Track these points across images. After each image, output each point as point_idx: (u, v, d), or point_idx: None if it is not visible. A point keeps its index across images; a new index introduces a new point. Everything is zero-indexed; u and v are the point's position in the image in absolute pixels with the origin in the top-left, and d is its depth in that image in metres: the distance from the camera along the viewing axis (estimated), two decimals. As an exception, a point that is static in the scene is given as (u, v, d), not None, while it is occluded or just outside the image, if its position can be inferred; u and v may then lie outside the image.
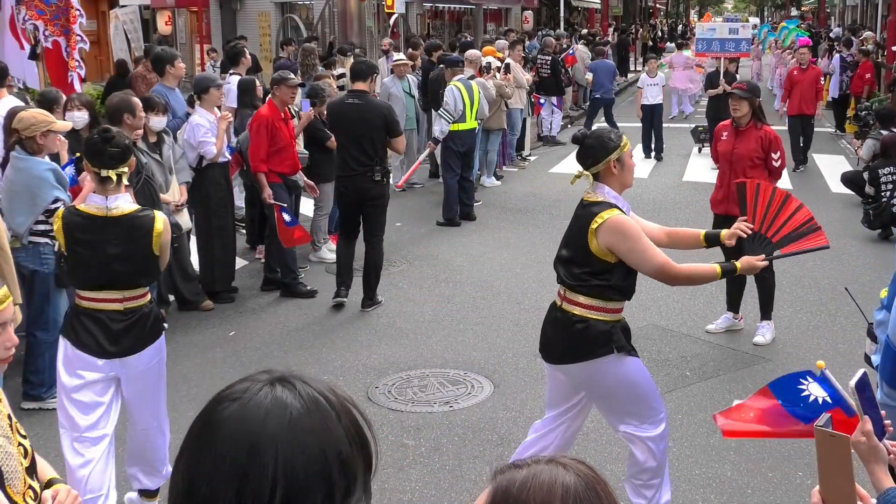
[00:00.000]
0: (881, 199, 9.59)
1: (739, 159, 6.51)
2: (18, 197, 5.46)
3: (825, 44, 22.75)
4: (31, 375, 5.62)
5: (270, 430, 1.13)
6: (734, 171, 6.47)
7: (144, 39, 18.81)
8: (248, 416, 1.15)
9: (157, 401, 4.26)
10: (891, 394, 2.70)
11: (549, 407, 4.21)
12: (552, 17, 32.88)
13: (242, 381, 1.22)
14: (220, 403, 1.18)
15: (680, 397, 5.71)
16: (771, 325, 6.68)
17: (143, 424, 4.25)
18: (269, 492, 1.12)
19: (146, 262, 4.04)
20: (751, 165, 6.44)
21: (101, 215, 3.96)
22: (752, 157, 6.46)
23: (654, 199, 11.65)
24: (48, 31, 8.17)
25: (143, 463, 4.33)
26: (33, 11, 8.12)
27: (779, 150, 6.52)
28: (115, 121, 6.10)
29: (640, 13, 49.42)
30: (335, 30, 18.64)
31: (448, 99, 10.33)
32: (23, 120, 5.44)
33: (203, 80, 7.84)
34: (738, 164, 6.50)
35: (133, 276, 4.03)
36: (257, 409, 1.15)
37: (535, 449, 4.06)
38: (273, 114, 7.70)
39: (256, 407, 1.15)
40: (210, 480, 1.13)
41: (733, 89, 6.81)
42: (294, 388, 1.18)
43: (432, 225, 10.49)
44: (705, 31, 15.48)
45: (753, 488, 4.62)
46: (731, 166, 6.55)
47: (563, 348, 3.97)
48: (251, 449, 1.13)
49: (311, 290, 7.92)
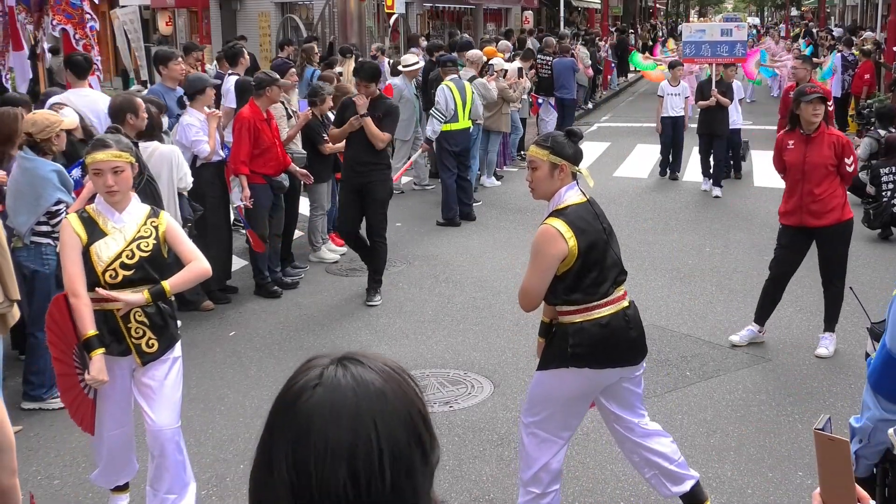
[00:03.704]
0: (882, 199, 9.59)
1: (813, 168, 6.13)
2: (22, 196, 5.48)
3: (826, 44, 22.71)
4: (31, 376, 5.62)
5: (364, 405, 1.20)
6: (807, 180, 6.15)
7: (145, 40, 18.80)
8: (338, 397, 1.20)
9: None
10: (890, 408, 2.70)
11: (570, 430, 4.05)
12: (552, 17, 32.89)
13: (306, 369, 1.26)
14: (301, 393, 1.22)
15: (680, 397, 5.71)
16: (833, 338, 6.40)
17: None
18: (378, 462, 1.18)
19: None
20: (825, 173, 6.12)
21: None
22: (826, 165, 6.11)
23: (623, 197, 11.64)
24: (78, 35, 8.24)
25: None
26: (61, 16, 8.17)
27: (852, 153, 6.20)
28: (117, 121, 6.11)
29: (640, 13, 49.43)
30: (335, 30, 18.64)
31: (439, 99, 10.34)
32: (37, 123, 5.47)
33: (197, 80, 7.82)
34: (812, 172, 6.14)
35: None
36: (344, 388, 1.21)
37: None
38: (255, 115, 7.67)
39: (342, 387, 1.21)
40: (320, 468, 1.17)
41: (810, 93, 6.14)
42: (361, 363, 1.25)
43: (432, 225, 10.49)
44: (693, 32, 13.25)
45: (753, 488, 4.62)
46: (805, 175, 6.17)
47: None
48: (353, 427, 1.18)
49: (277, 290, 7.96)
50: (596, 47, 22.04)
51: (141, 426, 4.21)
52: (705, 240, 9.72)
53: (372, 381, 1.22)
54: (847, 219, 6.27)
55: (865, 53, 16.87)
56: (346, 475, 1.17)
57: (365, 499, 1.18)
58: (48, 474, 4.87)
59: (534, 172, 3.87)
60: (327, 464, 1.17)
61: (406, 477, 1.20)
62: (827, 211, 6.20)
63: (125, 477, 4.38)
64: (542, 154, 3.82)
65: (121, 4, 20.19)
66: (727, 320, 7.11)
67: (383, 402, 1.21)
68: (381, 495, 1.18)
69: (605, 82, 24.81)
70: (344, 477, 1.17)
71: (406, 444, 1.21)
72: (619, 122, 19.64)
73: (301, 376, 1.25)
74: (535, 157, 3.86)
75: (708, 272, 8.44)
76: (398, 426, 1.21)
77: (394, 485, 1.19)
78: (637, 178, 13.31)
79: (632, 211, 11.18)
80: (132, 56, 15.70)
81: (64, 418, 5.49)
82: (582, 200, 3.88)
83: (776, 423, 5.35)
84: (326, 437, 1.18)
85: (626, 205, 11.51)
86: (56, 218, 5.51)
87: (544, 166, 3.83)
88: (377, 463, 1.18)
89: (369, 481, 1.18)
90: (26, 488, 4.72)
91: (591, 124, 19.39)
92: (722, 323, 7.06)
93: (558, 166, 3.82)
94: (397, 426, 1.21)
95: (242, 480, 4.72)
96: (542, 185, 3.88)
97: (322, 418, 1.19)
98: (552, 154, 3.81)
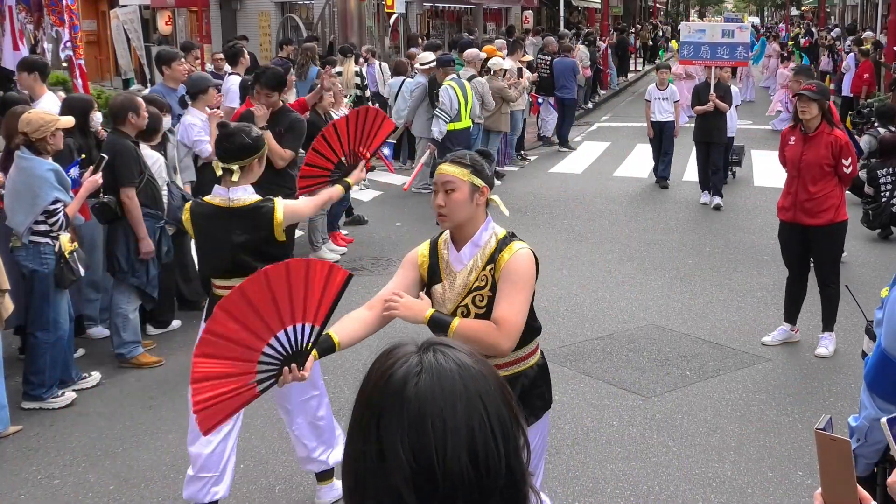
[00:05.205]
0: (881, 199, 9.59)
1: (809, 166, 6.15)
2: (20, 196, 5.47)
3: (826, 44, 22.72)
4: (31, 375, 5.61)
5: (471, 386, 1.22)
6: (803, 178, 6.18)
7: (145, 39, 18.82)
8: (447, 381, 1.22)
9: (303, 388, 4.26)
10: (886, 407, 2.70)
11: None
12: (552, 16, 32.89)
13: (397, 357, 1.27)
14: (406, 380, 1.23)
15: (680, 397, 5.71)
16: (833, 337, 6.40)
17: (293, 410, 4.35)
18: (493, 441, 1.21)
19: (270, 248, 4.11)
20: (820, 173, 6.13)
21: (225, 206, 4.11)
22: (821, 164, 6.11)
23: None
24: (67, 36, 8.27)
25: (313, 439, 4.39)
26: (55, 17, 8.20)
27: (850, 155, 6.15)
28: (119, 120, 6.11)
29: (640, 13, 49.44)
30: (335, 30, 18.64)
31: (444, 99, 10.34)
32: (31, 122, 5.45)
33: (199, 80, 7.82)
34: (807, 171, 6.16)
35: (251, 264, 4.06)
36: (450, 372, 1.23)
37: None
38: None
39: (447, 371, 1.23)
40: (441, 452, 1.18)
41: (802, 90, 6.18)
42: (451, 346, 1.28)
43: (432, 225, 10.47)
44: (692, 32, 12.35)
45: (753, 488, 4.62)
46: (800, 173, 6.20)
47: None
48: (467, 409, 1.21)
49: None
50: (596, 47, 22.03)
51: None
52: (705, 240, 9.72)
53: (471, 364, 1.25)
54: (840, 220, 6.27)
55: (865, 53, 16.89)
56: (467, 457, 1.19)
57: (485, 480, 1.20)
58: (48, 474, 4.86)
59: (449, 195, 3.17)
60: (448, 447, 1.18)
61: (515, 456, 1.23)
62: (820, 211, 6.20)
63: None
64: (462, 173, 3.18)
65: (121, 4, 20.18)
66: (727, 320, 7.11)
67: (486, 383, 1.24)
68: (499, 475, 1.21)
69: (606, 82, 24.80)
70: (465, 459, 1.18)
71: (509, 421, 1.24)
72: (619, 122, 19.63)
73: (395, 364, 1.26)
74: (451, 175, 3.18)
75: (708, 272, 8.44)
76: (501, 405, 1.24)
77: (507, 464, 1.22)
78: (637, 178, 13.30)
79: (632, 211, 11.17)
80: (133, 56, 15.69)
81: (64, 418, 5.51)
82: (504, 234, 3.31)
83: (776, 423, 5.35)
84: (444, 421, 1.19)
85: (626, 205, 11.51)
86: (54, 217, 5.51)
87: (464, 188, 3.17)
88: (492, 442, 1.21)
89: (487, 461, 1.20)
90: (26, 488, 4.73)
91: (591, 124, 19.39)
92: (722, 323, 7.06)
93: (479, 189, 3.21)
94: (501, 405, 1.24)
95: (242, 480, 4.73)
96: (460, 209, 3.18)
97: (436, 403, 1.20)
98: (472, 174, 3.20)
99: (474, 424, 1.20)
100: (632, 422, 5.36)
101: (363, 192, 12.19)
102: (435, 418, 1.19)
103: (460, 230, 3.24)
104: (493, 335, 3.07)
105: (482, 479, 1.19)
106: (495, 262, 3.18)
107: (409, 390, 1.21)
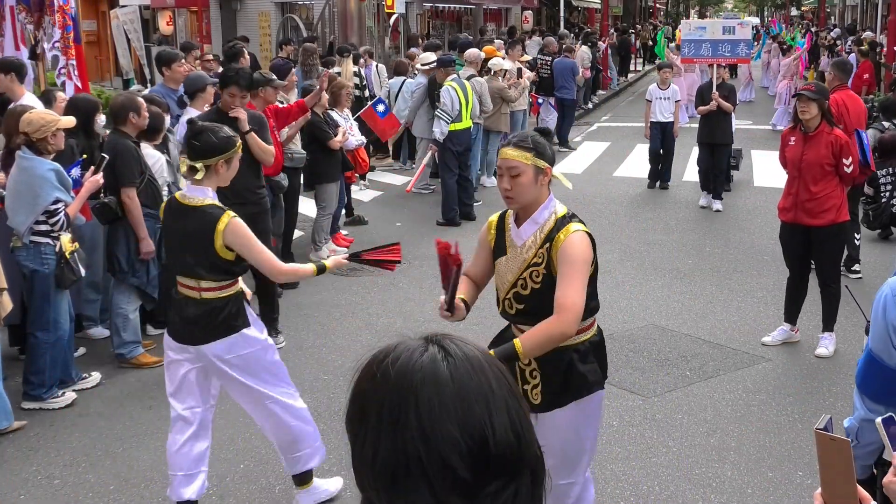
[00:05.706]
0: (880, 199, 9.59)
1: (809, 166, 6.13)
2: (21, 196, 5.48)
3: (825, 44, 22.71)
4: (31, 375, 5.62)
5: (491, 362, 1.27)
6: (804, 178, 6.17)
7: (145, 39, 18.82)
8: (473, 362, 1.26)
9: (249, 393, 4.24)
10: (875, 408, 2.71)
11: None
12: (552, 16, 32.89)
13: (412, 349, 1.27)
14: (436, 364, 1.24)
15: (680, 397, 5.71)
16: (833, 337, 6.40)
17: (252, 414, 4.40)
18: (517, 412, 1.24)
19: (209, 256, 4.03)
20: (821, 173, 6.11)
21: (184, 203, 4.07)
22: (822, 164, 6.09)
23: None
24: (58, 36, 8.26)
25: (282, 449, 4.40)
26: (54, 17, 8.19)
27: (850, 155, 6.13)
28: (119, 120, 6.11)
29: (640, 13, 49.44)
30: (335, 30, 18.63)
31: (445, 99, 10.34)
32: (32, 122, 5.45)
33: (197, 79, 7.80)
34: (807, 171, 6.14)
35: (194, 267, 4.06)
36: (469, 352, 1.27)
37: None
38: None
39: (466, 351, 1.27)
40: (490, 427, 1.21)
41: (801, 90, 6.21)
42: (453, 339, 1.30)
43: (432, 225, 10.49)
44: (693, 30, 12.35)
45: (753, 488, 4.62)
46: (801, 173, 6.19)
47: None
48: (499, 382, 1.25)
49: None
50: (596, 48, 22.04)
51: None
52: (705, 240, 9.72)
53: (476, 353, 1.29)
54: (842, 221, 6.27)
55: (864, 53, 16.89)
56: (508, 426, 1.23)
57: (525, 450, 1.24)
58: (48, 474, 4.87)
59: (515, 179, 3.27)
60: (495, 420, 1.22)
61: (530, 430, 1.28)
62: (822, 211, 6.20)
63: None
64: (526, 157, 3.26)
65: (121, 4, 20.19)
66: (727, 320, 7.12)
67: (496, 371, 1.27)
68: (532, 443, 1.25)
69: (606, 82, 24.80)
70: (510, 430, 1.22)
71: (519, 407, 1.28)
72: (619, 122, 19.64)
73: (413, 355, 1.26)
74: (516, 160, 3.27)
75: (708, 272, 8.44)
76: (509, 393, 1.27)
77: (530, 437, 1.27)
78: (637, 178, 13.30)
79: (632, 211, 11.18)
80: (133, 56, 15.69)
81: (64, 418, 5.51)
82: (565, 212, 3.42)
83: (776, 423, 5.35)
84: (485, 396, 1.23)
85: (626, 205, 11.51)
86: (54, 217, 5.51)
87: (529, 171, 3.26)
88: (516, 412, 1.25)
89: (523, 431, 1.24)
90: (26, 488, 4.73)
91: (591, 124, 19.40)
92: (722, 323, 7.07)
93: (543, 170, 3.30)
94: (509, 393, 1.27)
95: (242, 480, 4.74)
96: (526, 192, 3.29)
97: (472, 379, 1.23)
98: (536, 156, 3.28)
99: (506, 395, 1.25)
100: (632, 422, 5.36)
101: (363, 192, 12.20)
102: (476, 393, 1.23)
103: (524, 209, 3.38)
104: (554, 328, 3.23)
105: (521, 447, 1.23)
106: (552, 242, 3.30)
107: (443, 372, 1.23)
